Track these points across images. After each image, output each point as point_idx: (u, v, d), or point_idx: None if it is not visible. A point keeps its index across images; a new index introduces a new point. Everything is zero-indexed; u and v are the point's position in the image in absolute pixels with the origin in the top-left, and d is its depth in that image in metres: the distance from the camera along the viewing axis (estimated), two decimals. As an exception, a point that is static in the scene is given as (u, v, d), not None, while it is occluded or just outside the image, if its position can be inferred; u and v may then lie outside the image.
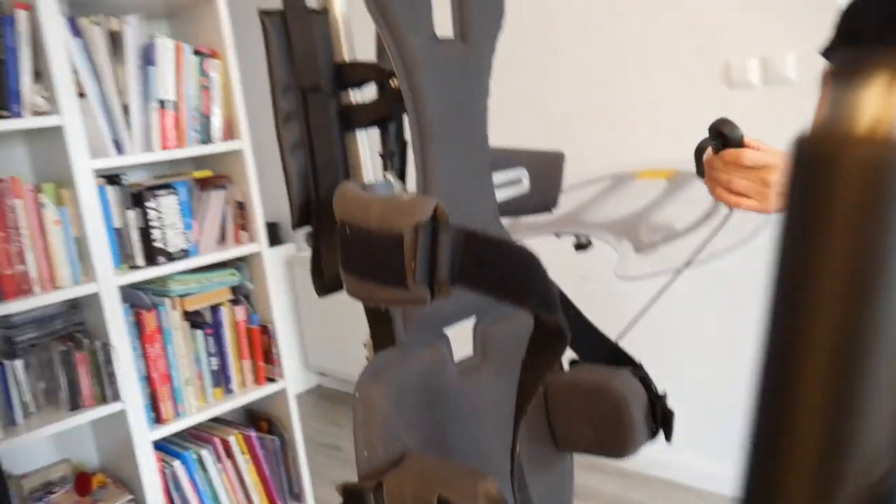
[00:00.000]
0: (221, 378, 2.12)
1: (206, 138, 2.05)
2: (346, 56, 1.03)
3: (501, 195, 1.12)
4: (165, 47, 1.93)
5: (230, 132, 2.09)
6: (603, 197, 1.71)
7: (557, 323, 0.71)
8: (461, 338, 1.06)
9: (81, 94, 1.79)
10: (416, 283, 0.69)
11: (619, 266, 1.37)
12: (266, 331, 2.17)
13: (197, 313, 2.09)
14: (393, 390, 0.91)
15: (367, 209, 0.74)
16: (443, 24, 0.97)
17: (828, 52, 0.82)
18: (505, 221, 1.11)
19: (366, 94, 1.05)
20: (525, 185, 1.15)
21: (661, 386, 1.12)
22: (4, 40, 1.69)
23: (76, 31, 1.78)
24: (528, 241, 1.39)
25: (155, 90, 1.91)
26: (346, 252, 0.75)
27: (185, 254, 2.01)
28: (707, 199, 1.49)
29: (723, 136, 1.03)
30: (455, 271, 0.70)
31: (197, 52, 2.00)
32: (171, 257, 1.97)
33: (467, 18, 0.98)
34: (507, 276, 0.70)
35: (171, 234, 1.98)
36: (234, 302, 2.16)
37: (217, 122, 2.06)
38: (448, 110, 0.95)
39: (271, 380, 2.21)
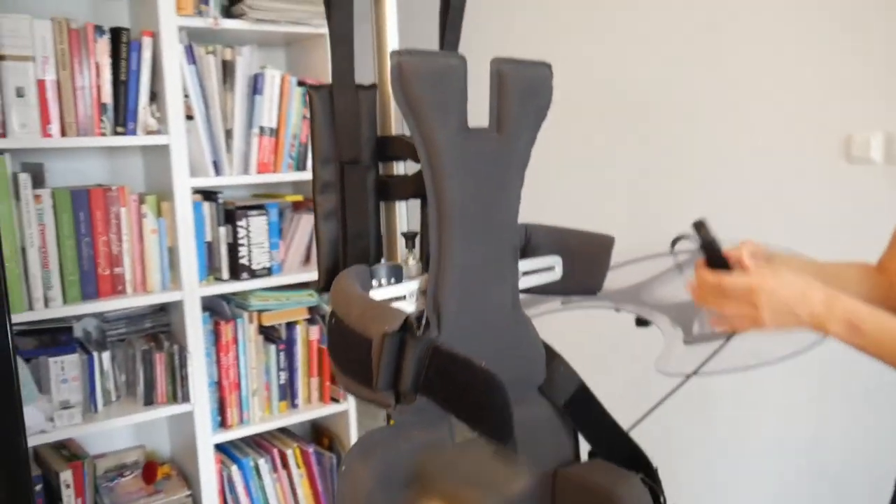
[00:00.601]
0: (288, 392, 2.22)
1: (302, 165, 2.15)
2: (393, 129, 1.07)
3: (532, 281, 1.12)
4: (273, 78, 2.05)
5: (324, 161, 2.19)
6: (673, 274, 1.65)
7: (503, 447, 0.71)
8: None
9: (189, 117, 1.94)
10: (380, 389, 0.71)
11: (662, 358, 1.32)
12: (335, 353, 2.25)
13: (272, 328, 2.20)
14: (380, 469, 0.92)
15: (349, 307, 0.77)
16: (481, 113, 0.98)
17: None
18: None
19: (410, 166, 1.08)
20: (557, 273, 1.14)
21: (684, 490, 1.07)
22: (129, 64, 1.86)
23: (192, 58, 1.93)
24: (581, 312, 1.37)
25: (258, 117, 2.04)
26: (331, 341, 0.78)
27: (267, 271, 2.12)
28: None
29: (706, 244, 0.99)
30: (420, 382, 0.71)
31: (301, 84, 2.11)
32: (254, 274, 2.09)
33: (505, 111, 0.99)
34: (465, 396, 0.70)
35: (256, 251, 2.09)
36: (310, 321, 2.25)
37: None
38: (472, 198, 0.96)
39: (335, 400, 2.29)
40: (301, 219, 2.23)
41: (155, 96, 1.92)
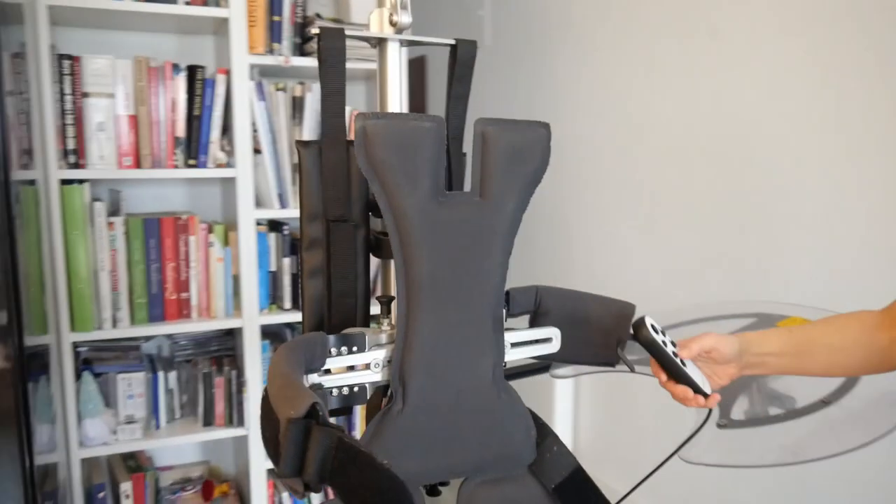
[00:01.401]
0: (345, 426, 2.23)
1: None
2: (388, 186, 1.04)
3: (527, 353, 1.05)
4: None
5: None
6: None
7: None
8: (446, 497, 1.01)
9: (257, 151, 2.00)
10: (284, 473, 0.68)
11: (688, 446, 1.20)
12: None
13: (332, 358, 2.22)
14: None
15: (272, 381, 0.74)
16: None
17: None
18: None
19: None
20: (555, 346, 1.06)
21: None
22: (203, 99, 1.95)
23: (262, 94, 1.99)
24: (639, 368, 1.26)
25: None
26: (261, 413, 0.76)
27: (329, 302, 2.15)
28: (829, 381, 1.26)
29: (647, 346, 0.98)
30: (325, 471, 0.68)
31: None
32: (314, 304, 2.12)
33: (488, 176, 0.93)
34: (366, 495, 0.66)
35: (318, 282, 2.12)
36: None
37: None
38: (445, 266, 0.92)
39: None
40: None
41: (226, 130, 2.00)
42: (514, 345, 1.02)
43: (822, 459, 1.09)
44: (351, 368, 0.93)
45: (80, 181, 1.84)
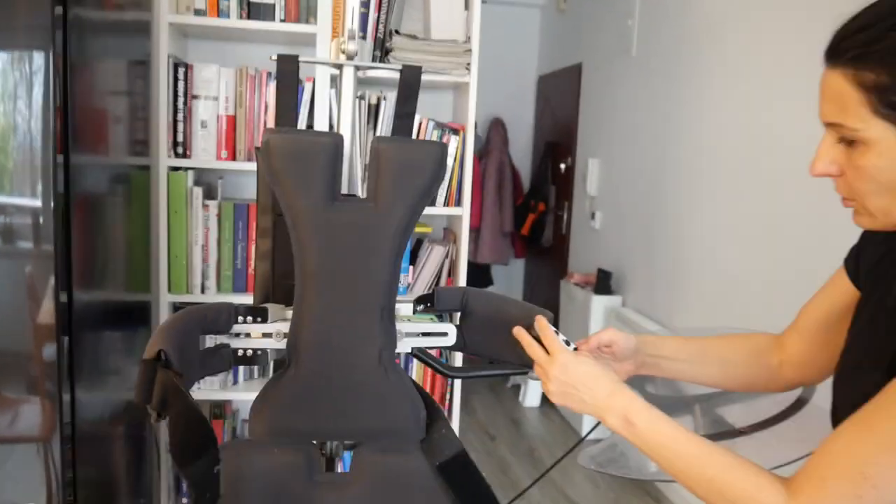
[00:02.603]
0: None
1: (432, 202, 2.36)
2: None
3: (427, 343, 1.19)
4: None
5: (453, 199, 2.37)
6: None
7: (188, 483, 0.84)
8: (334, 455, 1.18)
9: (334, 151, 2.26)
10: (137, 401, 0.90)
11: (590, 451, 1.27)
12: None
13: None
14: (232, 472, 1.10)
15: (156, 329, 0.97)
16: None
17: None
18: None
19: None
20: (450, 340, 1.19)
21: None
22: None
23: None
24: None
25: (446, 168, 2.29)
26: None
27: (391, 291, 2.37)
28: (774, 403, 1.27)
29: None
30: (162, 402, 0.89)
31: (439, 126, 2.31)
32: (377, 291, 2.35)
33: (379, 186, 1.09)
34: (180, 422, 0.86)
35: (382, 272, 2.35)
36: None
37: (443, 188, 2.35)
38: (334, 260, 1.09)
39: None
40: (433, 249, 2.43)
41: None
42: (407, 334, 1.16)
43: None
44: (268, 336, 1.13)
45: (185, 169, 2.21)
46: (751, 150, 2.50)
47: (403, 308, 1.21)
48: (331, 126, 2.24)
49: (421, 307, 1.22)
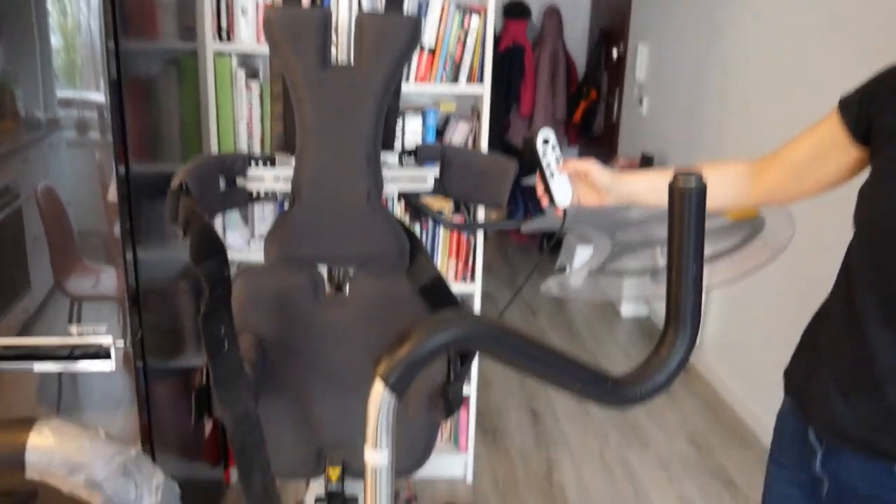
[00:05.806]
0: (428, 266, 2.72)
1: (454, 79, 2.53)
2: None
3: (408, 187, 1.43)
4: (435, 4, 2.44)
5: (475, 77, 2.54)
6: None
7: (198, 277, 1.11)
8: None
9: (362, 34, 2.45)
10: (168, 219, 1.17)
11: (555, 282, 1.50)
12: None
13: (418, 208, 2.69)
14: (249, 289, 1.39)
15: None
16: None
17: None
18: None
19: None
20: (429, 185, 1.42)
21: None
22: (323, -11, 2.43)
23: None
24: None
25: (421, 38, 2.46)
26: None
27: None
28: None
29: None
30: (185, 221, 1.16)
31: (460, 8, 2.46)
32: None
33: (362, 53, 1.30)
34: (197, 241, 1.12)
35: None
36: (456, 208, 2.68)
37: (465, 67, 2.52)
38: (327, 116, 1.32)
39: (463, 279, 2.72)
40: (458, 125, 2.63)
41: (338, 16, 2.46)
42: (393, 179, 1.40)
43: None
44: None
45: (229, 54, 2.44)
46: (796, 43, 2.53)
47: (391, 159, 1.44)
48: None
49: (408, 159, 1.45)
